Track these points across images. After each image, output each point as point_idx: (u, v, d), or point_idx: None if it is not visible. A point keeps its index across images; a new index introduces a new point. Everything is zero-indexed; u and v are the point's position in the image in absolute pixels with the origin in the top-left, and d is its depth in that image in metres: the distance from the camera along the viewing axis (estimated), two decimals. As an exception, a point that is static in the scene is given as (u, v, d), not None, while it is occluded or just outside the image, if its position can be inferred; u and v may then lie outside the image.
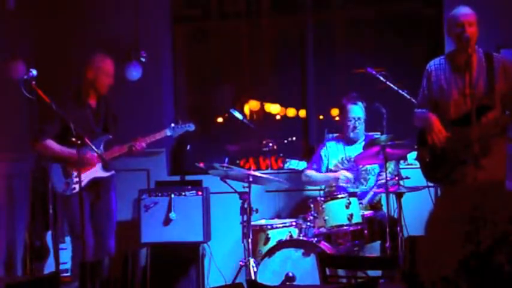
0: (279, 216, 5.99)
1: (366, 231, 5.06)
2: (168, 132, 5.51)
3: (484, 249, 1.25)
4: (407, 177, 5.09)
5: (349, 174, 5.48)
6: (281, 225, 5.26)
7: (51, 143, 5.19)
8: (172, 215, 5.73)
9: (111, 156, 5.28)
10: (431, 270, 1.30)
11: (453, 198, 1.40)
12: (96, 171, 5.26)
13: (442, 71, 4.72)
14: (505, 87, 4.57)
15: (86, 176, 5.15)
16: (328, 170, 5.63)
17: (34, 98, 4.85)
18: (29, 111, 6.07)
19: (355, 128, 5.52)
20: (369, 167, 5.53)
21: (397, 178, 4.98)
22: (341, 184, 5.46)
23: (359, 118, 5.52)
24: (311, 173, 5.66)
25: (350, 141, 5.61)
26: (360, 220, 5.05)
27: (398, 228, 4.88)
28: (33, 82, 4.79)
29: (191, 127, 5.59)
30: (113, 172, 5.38)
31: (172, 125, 5.58)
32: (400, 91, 5.35)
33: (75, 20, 6.48)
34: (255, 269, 5.00)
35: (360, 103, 5.52)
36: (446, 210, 1.36)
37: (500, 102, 4.58)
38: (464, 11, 4.61)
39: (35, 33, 6.46)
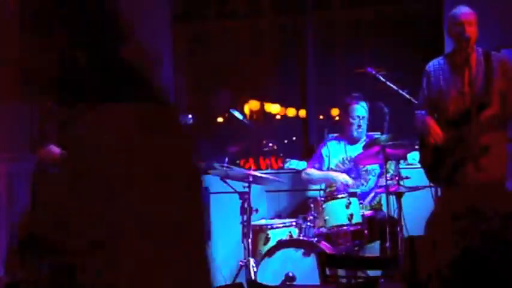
0: (279, 216, 5.99)
1: (366, 231, 5.06)
2: None
3: (480, 248, 1.25)
4: (407, 177, 5.09)
5: (349, 180, 5.45)
6: (281, 225, 5.26)
7: (54, 148, 5.17)
8: (172, 215, 5.72)
9: None
10: (429, 268, 1.31)
11: (453, 197, 1.40)
12: None
13: (441, 71, 4.74)
14: (503, 85, 4.59)
15: None
16: (329, 170, 5.63)
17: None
18: (29, 112, 6.07)
19: (359, 126, 5.51)
20: (369, 167, 5.53)
21: (397, 178, 4.98)
22: (337, 186, 5.45)
23: (363, 117, 5.52)
24: (311, 171, 5.65)
25: (352, 141, 5.60)
26: (360, 220, 5.05)
27: (398, 228, 4.88)
28: (33, 82, 4.78)
29: (189, 120, 5.59)
30: None
31: None
32: (400, 91, 5.35)
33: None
34: (255, 269, 5.00)
35: (363, 102, 5.52)
36: (445, 209, 1.37)
37: (499, 100, 4.59)
38: (464, 10, 4.62)
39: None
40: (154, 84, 1.21)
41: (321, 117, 6.65)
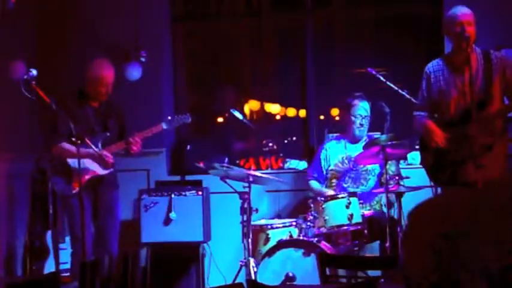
0: (279, 216, 5.99)
1: (366, 231, 5.06)
2: (164, 126, 5.45)
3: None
4: (407, 177, 5.09)
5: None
6: (281, 225, 5.26)
7: (67, 146, 5.15)
8: (172, 215, 5.73)
9: (109, 152, 5.26)
10: (416, 272, 1.30)
11: (453, 199, 1.40)
12: (95, 170, 5.25)
13: (441, 72, 4.74)
14: (504, 83, 4.59)
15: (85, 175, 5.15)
16: (328, 172, 5.64)
17: (34, 98, 4.85)
18: (29, 111, 6.07)
19: (361, 125, 5.52)
20: (369, 167, 5.53)
21: (397, 178, 4.98)
22: None
23: (365, 116, 5.52)
24: (314, 184, 5.66)
25: (353, 140, 5.60)
26: (360, 220, 5.05)
27: (399, 228, 4.88)
28: (33, 82, 4.78)
29: (187, 119, 5.53)
30: (111, 170, 5.34)
31: (169, 117, 5.54)
32: (400, 91, 5.35)
33: (75, 19, 6.48)
34: (255, 269, 5.00)
35: (365, 102, 5.53)
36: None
37: (501, 98, 4.60)
38: (462, 10, 4.62)
39: (35, 33, 6.45)
40: None
41: (321, 117, 6.65)
